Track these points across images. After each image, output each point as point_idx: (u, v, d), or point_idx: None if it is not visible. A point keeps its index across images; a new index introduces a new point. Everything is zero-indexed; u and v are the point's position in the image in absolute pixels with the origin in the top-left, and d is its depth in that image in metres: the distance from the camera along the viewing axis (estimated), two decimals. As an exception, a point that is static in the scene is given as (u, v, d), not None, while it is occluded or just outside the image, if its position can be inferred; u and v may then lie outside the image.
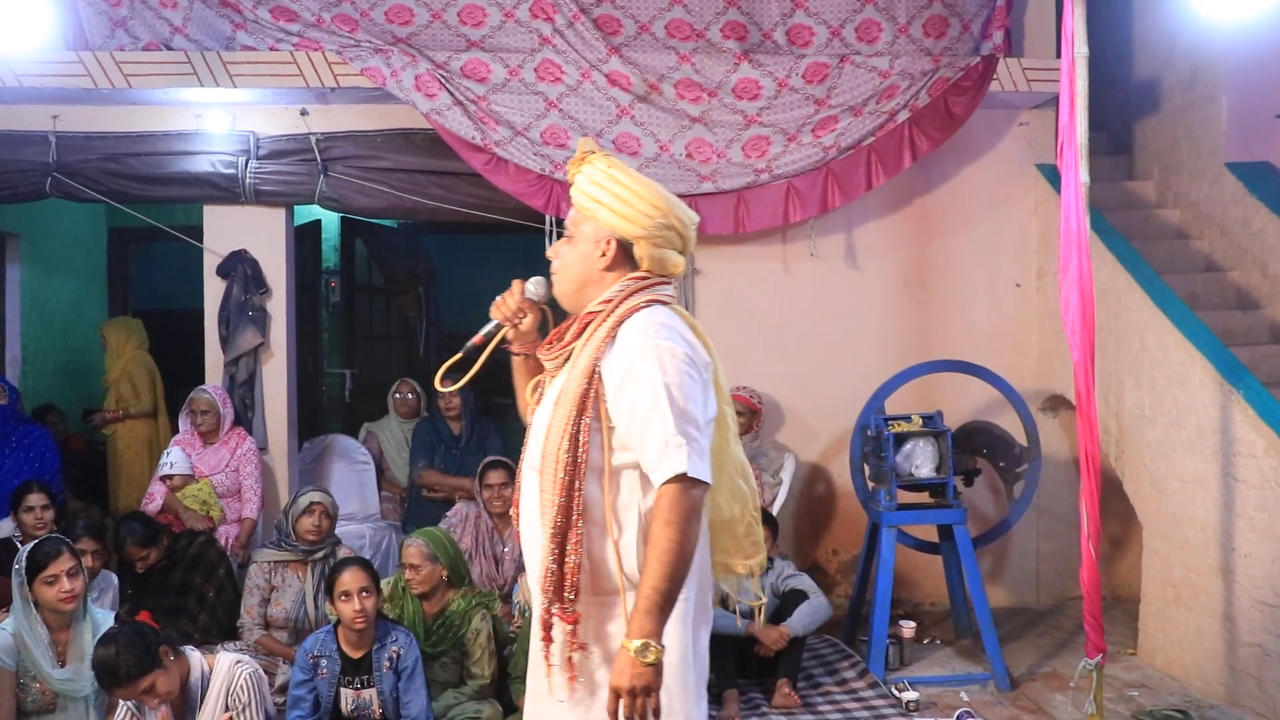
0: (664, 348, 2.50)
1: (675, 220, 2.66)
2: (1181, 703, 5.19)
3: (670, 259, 2.68)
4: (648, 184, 2.68)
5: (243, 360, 6.59)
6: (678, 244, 2.69)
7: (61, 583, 4.09)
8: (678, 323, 2.62)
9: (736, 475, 2.74)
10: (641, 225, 2.63)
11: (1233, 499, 5.08)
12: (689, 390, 2.49)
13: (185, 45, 6.27)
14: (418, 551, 4.85)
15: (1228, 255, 6.61)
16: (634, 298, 2.62)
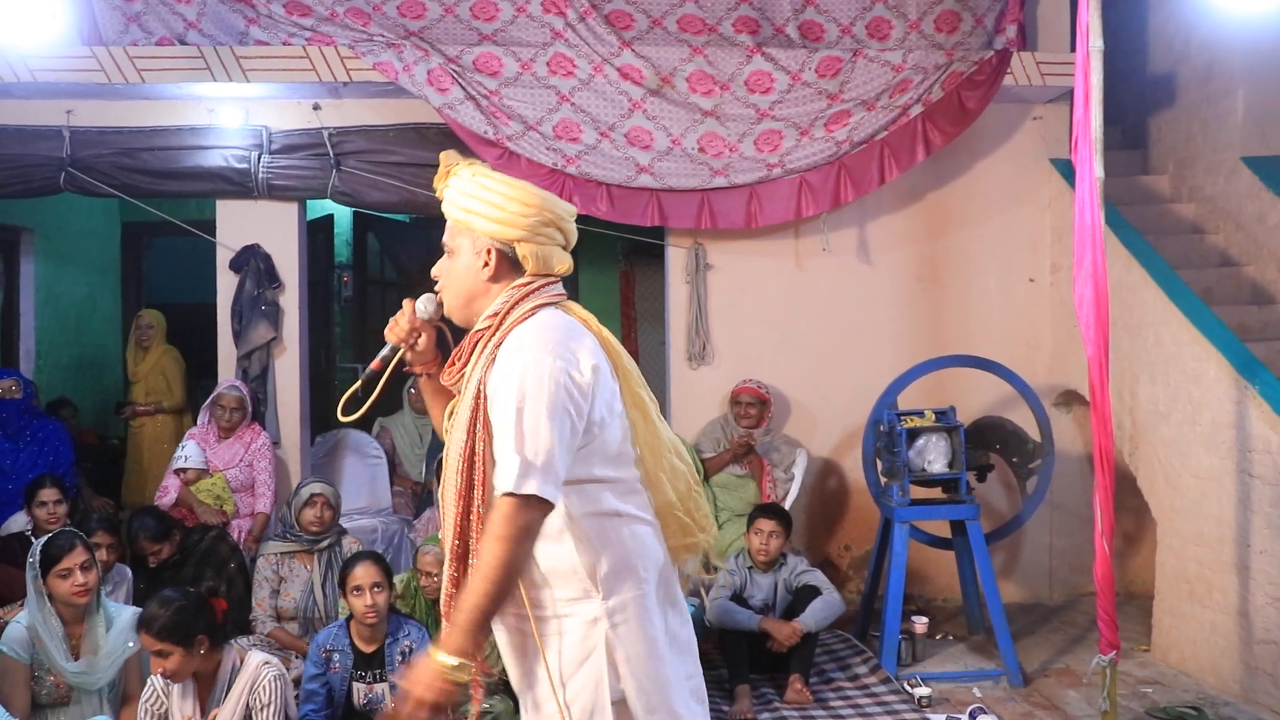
0: (529, 364, 2.43)
1: (552, 215, 2.61)
2: (1196, 699, 5.17)
3: (555, 256, 2.62)
4: (518, 184, 2.63)
5: (255, 355, 6.60)
6: (560, 240, 2.64)
7: (75, 576, 4.11)
8: (560, 327, 2.54)
9: (670, 455, 2.69)
10: (519, 226, 2.58)
11: (1248, 495, 5.05)
12: (545, 407, 2.39)
13: (199, 40, 6.28)
14: (435, 559, 4.86)
15: (1243, 250, 6.58)
16: (519, 307, 2.56)
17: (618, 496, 2.56)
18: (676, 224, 6.58)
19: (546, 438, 2.37)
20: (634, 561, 2.54)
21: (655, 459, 2.64)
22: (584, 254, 9.62)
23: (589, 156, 6.35)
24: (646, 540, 2.59)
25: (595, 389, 2.48)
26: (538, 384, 2.41)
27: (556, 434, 2.39)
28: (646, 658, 2.54)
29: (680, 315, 6.85)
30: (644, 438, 2.63)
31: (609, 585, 2.51)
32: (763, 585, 5.49)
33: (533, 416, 2.39)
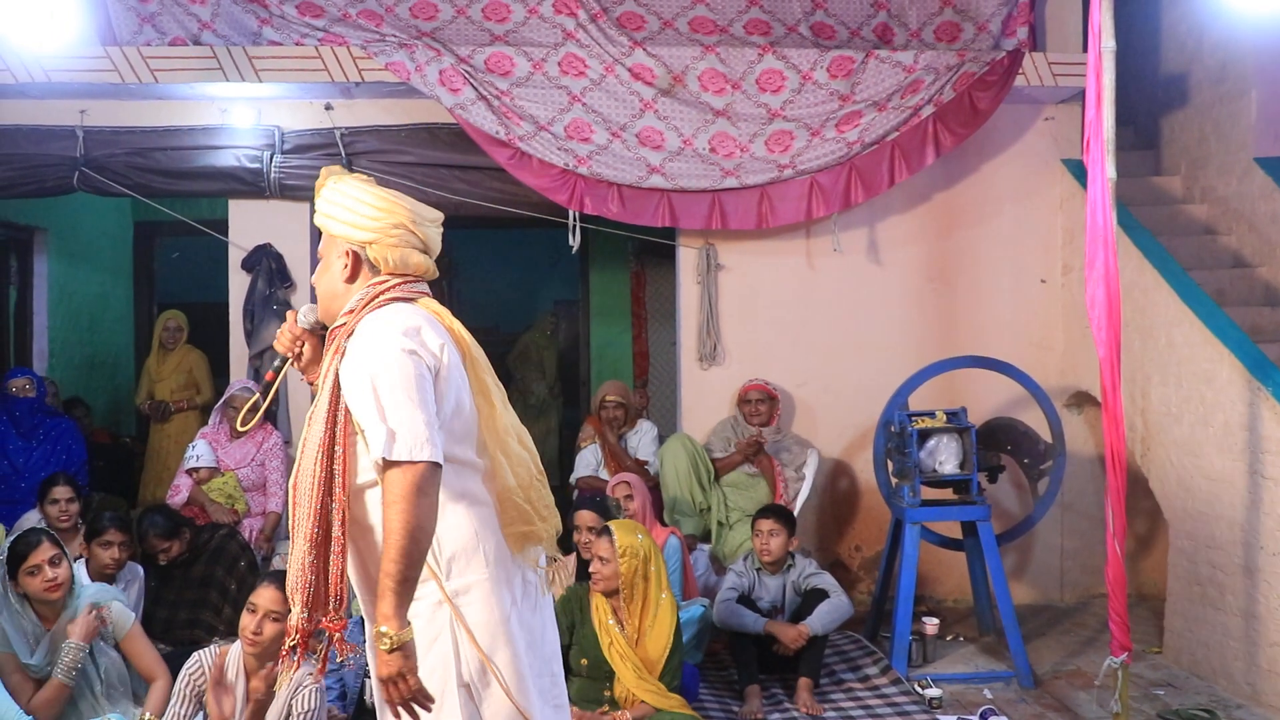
0: (374, 348, 2.55)
1: (404, 217, 2.71)
2: (1208, 702, 5.15)
3: (413, 258, 2.73)
4: (373, 190, 2.74)
5: (267, 354, 6.62)
6: (416, 242, 2.74)
7: (44, 572, 4.12)
8: (405, 316, 2.63)
9: (511, 441, 2.74)
10: (369, 228, 2.70)
11: (1260, 497, 5.04)
12: (398, 379, 2.50)
13: (212, 40, 6.30)
14: None
15: (1256, 250, 6.56)
16: (372, 304, 2.68)
17: (464, 479, 2.65)
18: (687, 224, 6.58)
19: (406, 403, 2.48)
20: (479, 545, 2.63)
21: (497, 443, 2.70)
22: (595, 254, 9.63)
23: (600, 157, 6.35)
24: (491, 524, 2.67)
25: (443, 367, 2.60)
26: (385, 363, 2.52)
27: (417, 398, 2.49)
28: (494, 641, 2.63)
29: (691, 316, 6.85)
30: (487, 422, 2.69)
31: (452, 567, 2.62)
32: (771, 587, 5.48)
33: (388, 390, 2.49)
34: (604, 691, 4.56)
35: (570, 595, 4.70)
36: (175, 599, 5.28)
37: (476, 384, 2.70)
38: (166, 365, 7.63)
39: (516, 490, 2.69)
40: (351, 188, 2.74)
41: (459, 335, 2.71)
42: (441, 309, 2.75)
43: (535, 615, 2.78)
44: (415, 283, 2.76)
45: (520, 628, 2.69)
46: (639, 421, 6.89)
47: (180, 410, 7.47)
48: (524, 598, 2.73)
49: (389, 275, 2.72)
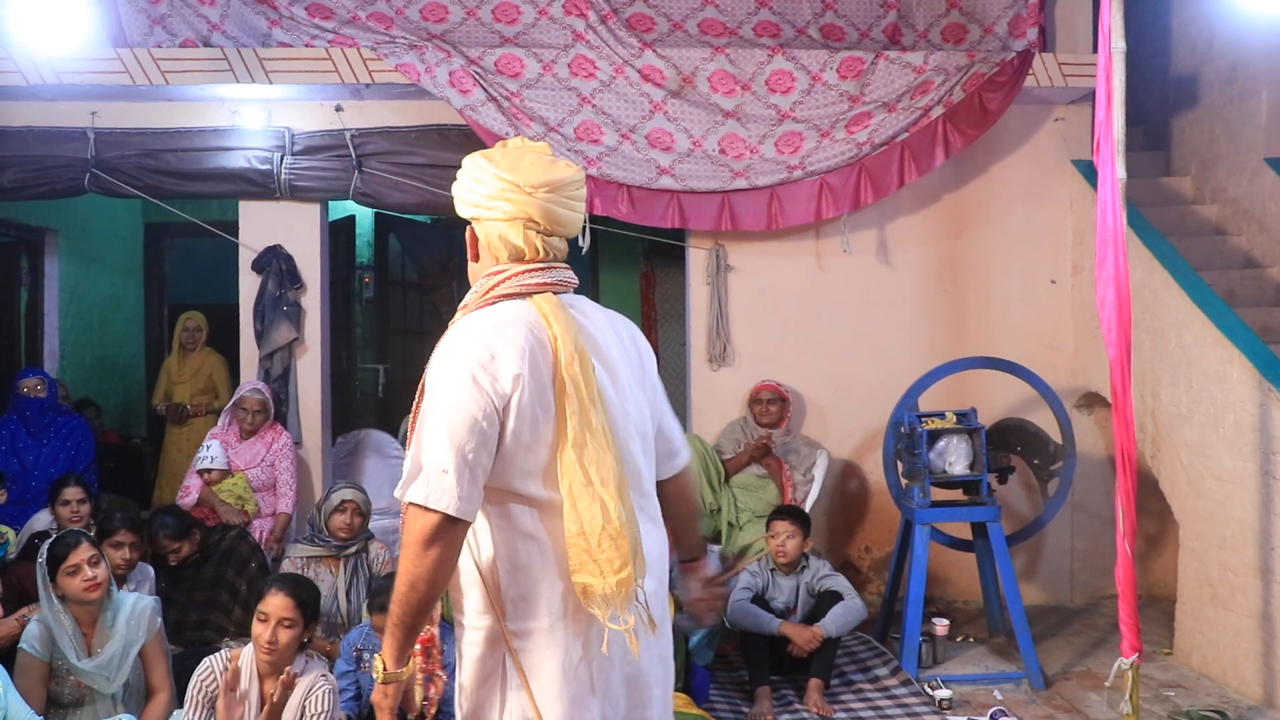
0: (448, 363, 2.36)
1: (503, 186, 2.43)
2: (1219, 703, 5.14)
3: (517, 235, 2.45)
4: (478, 159, 2.50)
5: (277, 355, 6.63)
6: (513, 211, 2.44)
7: (84, 572, 4.12)
8: (497, 326, 2.38)
9: (580, 481, 2.32)
10: (468, 201, 2.49)
11: (1271, 498, 5.03)
12: (448, 412, 2.29)
13: (222, 42, 6.33)
14: None
15: (1267, 251, 6.55)
16: (482, 299, 2.46)
17: (534, 519, 2.38)
18: (697, 225, 6.58)
19: (445, 443, 2.27)
20: (542, 590, 2.37)
21: (566, 480, 2.33)
22: (605, 255, 9.65)
23: (610, 158, 6.36)
24: (561, 570, 2.37)
25: (511, 404, 2.31)
26: (445, 388, 2.31)
27: (460, 440, 2.27)
28: (547, 693, 2.38)
29: (701, 316, 6.86)
30: (560, 456, 2.34)
31: (515, 609, 2.39)
32: (784, 588, 5.48)
33: (433, 421, 2.30)
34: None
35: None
36: (185, 600, 5.28)
37: (559, 412, 2.34)
38: (186, 368, 7.66)
39: (579, 537, 2.31)
40: (466, 163, 2.51)
41: (559, 352, 2.35)
42: (556, 310, 2.40)
43: (613, 673, 2.45)
44: (538, 271, 2.45)
45: (586, 685, 2.41)
46: (649, 422, 6.88)
47: (198, 415, 7.49)
48: (599, 654, 2.41)
49: (510, 264, 2.46)
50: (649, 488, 2.56)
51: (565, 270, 2.50)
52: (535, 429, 2.34)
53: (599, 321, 2.54)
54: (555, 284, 2.46)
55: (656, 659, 2.56)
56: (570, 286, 2.51)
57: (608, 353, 2.49)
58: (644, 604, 2.40)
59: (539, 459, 2.35)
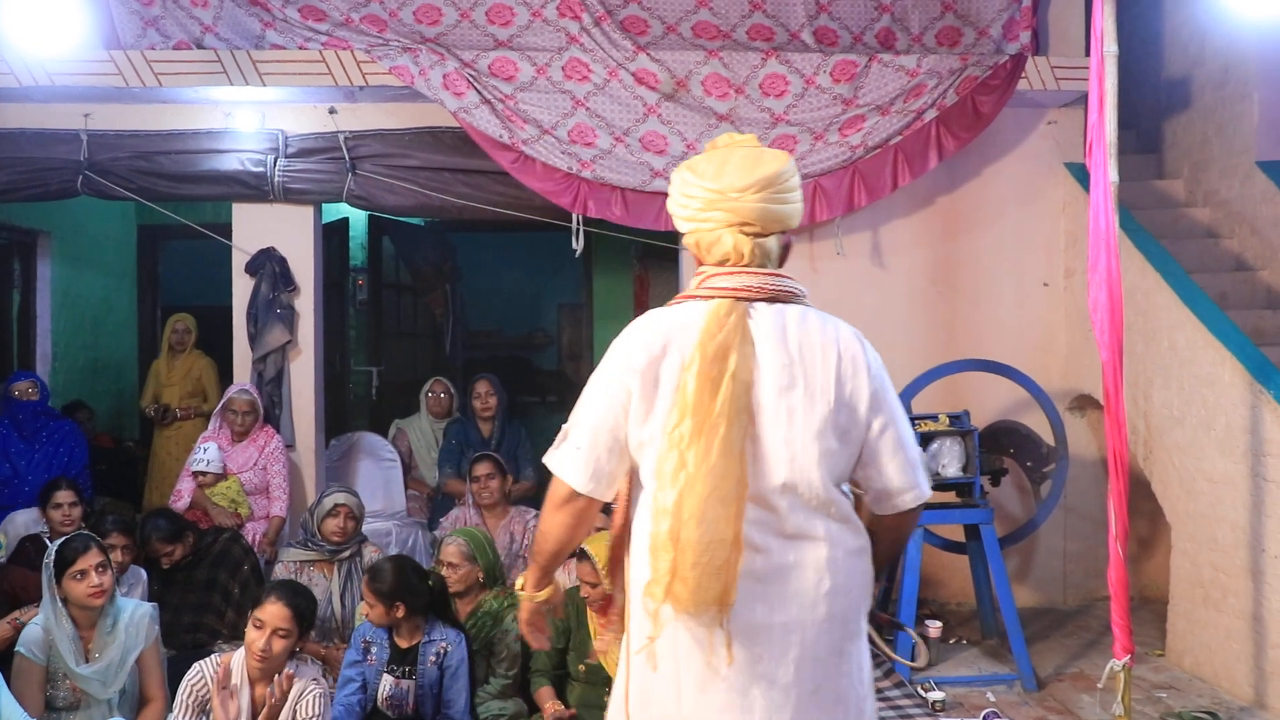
0: (614, 343, 2.51)
1: (709, 198, 2.48)
2: (1210, 704, 5.16)
3: (726, 242, 2.49)
4: (685, 172, 2.55)
5: (270, 358, 6.63)
6: (725, 219, 2.48)
7: (90, 578, 4.12)
8: (657, 320, 2.47)
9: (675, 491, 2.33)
10: (685, 218, 2.56)
11: (1262, 499, 5.04)
12: (590, 397, 2.47)
13: (215, 44, 6.32)
14: (457, 550, 4.88)
15: (1258, 254, 6.56)
16: (675, 299, 2.58)
17: (643, 515, 2.46)
18: (690, 228, 6.57)
19: (582, 424, 2.45)
20: (639, 575, 2.44)
21: (659, 484, 2.37)
22: (599, 258, 9.65)
23: (604, 161, 6.36)
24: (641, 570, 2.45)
25: (634, 393, 2.41)
26: (599, 371, 2.49)
27: (592, 424, 2.44)
28: (633, 668, 2.47)
29: (694, 319, 6.84)
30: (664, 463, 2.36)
31: (631, 583, 2.50)
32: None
33: (583, 400, 2.49)
34: (605, 697, 4.55)
35: (566, 600, 4.70)
36: (178, 603, 5.28)
37: (674, 418, 2.36)
38: (175, 370, 7.65)
39: (648, 542, 2.36)
40: (675, 177, 2.59)
41: (696, 358, 2.36)
42: (720, 316, 2.41)
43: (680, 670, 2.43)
44: (728, 275, 2.47)
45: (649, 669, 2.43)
46: (643, 424, 6.89)
47: (187, 417, 7.48)
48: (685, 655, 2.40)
49: (710, 266, 2.52)
50: (805, 512, 2.42)
51: (757, 276, 2.48)
52: (646, 423, 2.41)
53: (788, 333, 2.45)
54: (740, 290, 2.46)
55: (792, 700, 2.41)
56: (759, 293, 2.46)
57: (771, 367, 2.41)
58: (724, 631, 2.34)
59: (649, 455, 2.42)
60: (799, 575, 2.41)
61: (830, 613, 2.43)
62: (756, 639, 2.38)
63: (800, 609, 2.40)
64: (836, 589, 2.43)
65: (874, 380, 2.49)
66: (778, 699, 2.40)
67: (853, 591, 2.48)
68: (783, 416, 2.39)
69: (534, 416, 10.97)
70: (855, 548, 2.50)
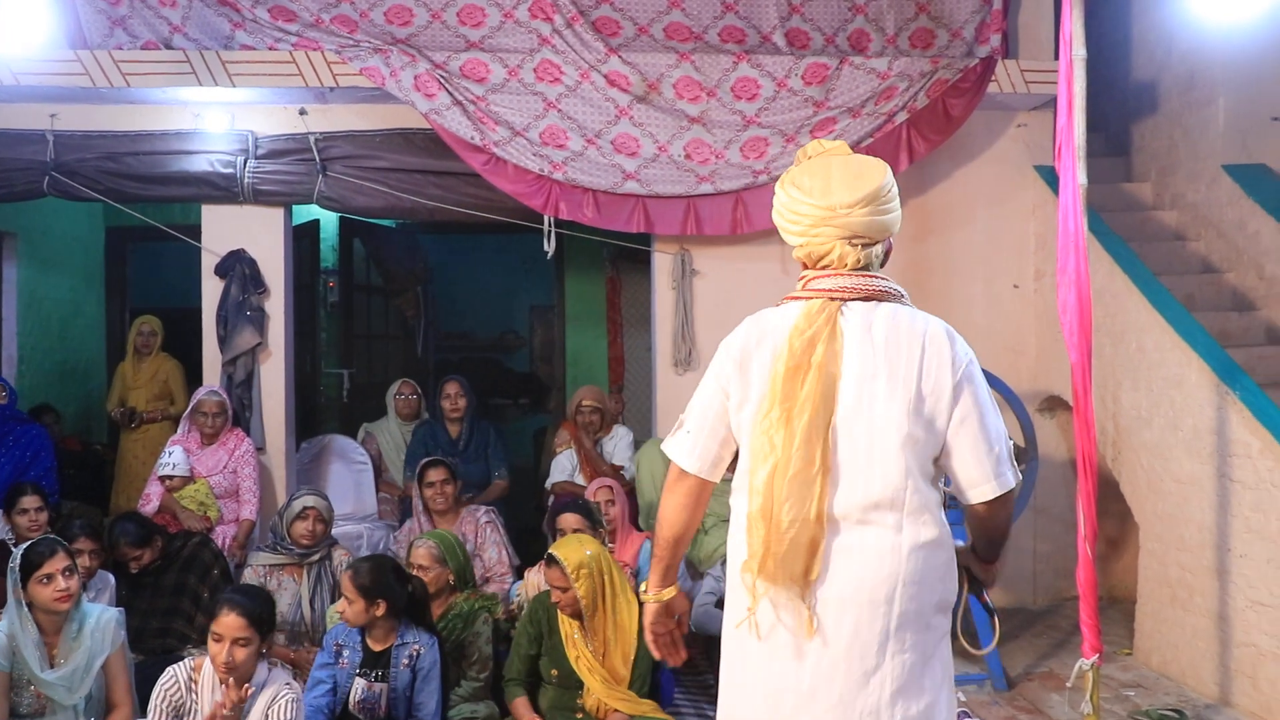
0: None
1: (819, 216, 2.62)
2: (1177, 702, 5.20)
3: (836, 253, 2.65)
4: (792, 190, 2.68)
5: (240, 360, 6.59)
6: (836, 233, 2.62)
7: (57, 581, 4.07)
8: (760, 317, 2.72)
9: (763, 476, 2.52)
10: (796, 234, 2.70)
11: (1228, 499, 5.09)
12: (701, 384, 2.75)
13: (184, 44, 6.27)
14: (428, 553, 4.87)
15: (1224, 257, 6.63)
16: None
17: (739, 497, 2.67)
18: (662, 230, 6.59)
19: (693, 408, 2.75)
20: (735, 556, 2.65)
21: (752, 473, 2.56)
22: (570, 260, 9.64)
23: (575, 163, 6.36)
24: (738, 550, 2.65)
25: (729, 384, 2.67)
26: (714, 357, 2.74)
27: (699, 408, 2.73)
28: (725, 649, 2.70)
29: (666, 321, 6.86)
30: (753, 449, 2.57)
31: (729, 565, 2.68)
32: (748, 590, 5.48)
33: (699, 388, 2.76)
34: (577, 700, 4.55)
35: (537, 605, 4.70)
36: (147, 608, 5.23)
37: (764, 406, 2.56)
38: (141, 373, 7.58)
39: (745, 520, 2.57)
40: (780, 193, 2.73)
41: (785, 350, 2.56)
42: (813, 315, 2.59)
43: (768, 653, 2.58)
44: (827, 278, 2.65)
45: (740, 651, 2.64)
46: (615, 427, 6.90)
47: (153, 420, 7.42)
48: (771, 634, 2.57)
49: (808, 270, 2.72)
50: (880, 498, 2.51)
51: (851, 277, 2.63)
52: (741, 410, 2.64)
53: (875, 327, 2.58)
54: (835, 290, 2.62)
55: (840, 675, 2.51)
56: (854, 293, 2.61)
57: (856, 359, 2.55)
58: (809, 607, 2.50)
59: (746, 439, 2.63)
60: (862, 559, 2.51)
61: (891, 599, 2.51)
62: (828, 612, 2.52)
63: (858, 590, 2.50)
64: (902, 578, 2.51)
65: (958, 372, 2.58)
66: (835, 674, 2.52)
67: (923, 584, 2.54)
68: (864, 405, 2.52)
69: (506, 418, 10.95)
70: (929, 540, 2.55)
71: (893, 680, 2.51)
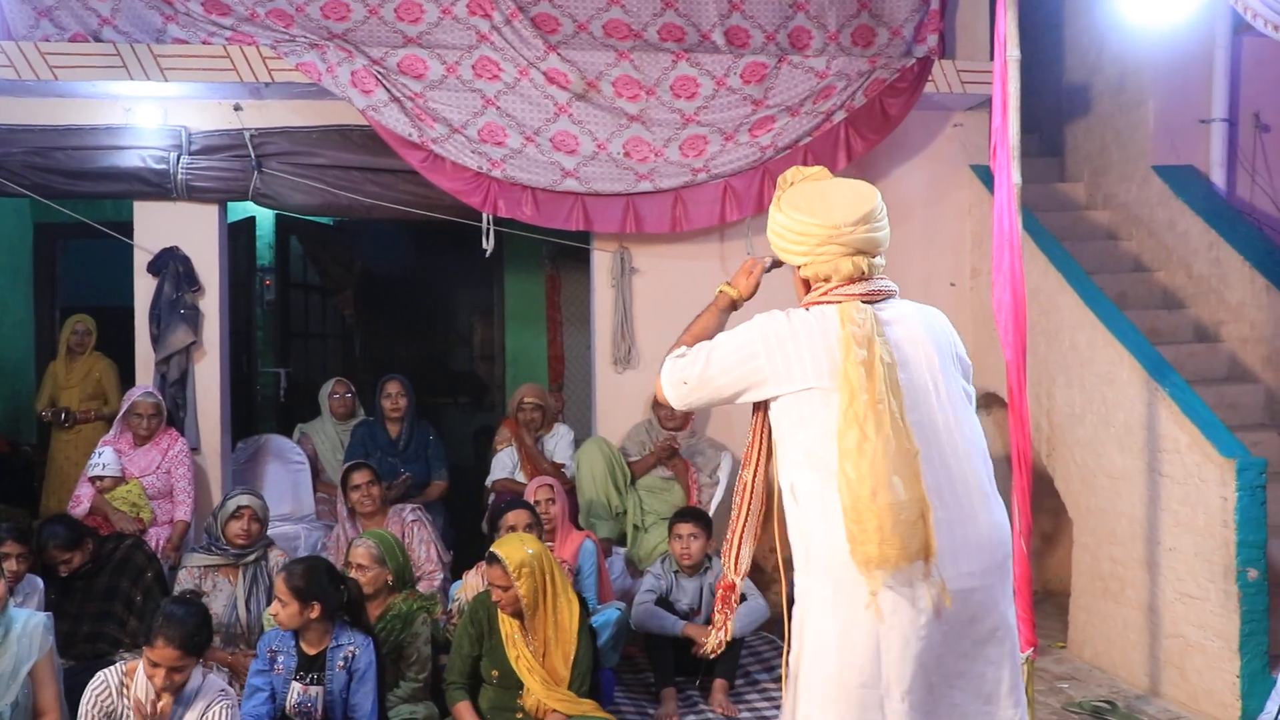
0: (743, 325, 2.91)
1: (826, 235, 2.81)
2: (1109, 694, 5.29)
3: (844, 267, 2.82)
4: (799, 216, 2.85)
5: (174, 359, 6.49)
6: (845, 251, 2.82)
7: None
8: (781, 312, 2.86)
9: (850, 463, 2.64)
10: (798, 253, 2.87)
11: (1158, 494, 5.18)
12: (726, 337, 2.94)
13: (114, 37, 6.15)
14: (367, 553, 4.82)
15: (1154, 256, 6.75)
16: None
17: (824, 484, 2.69)
18: (602, 228, 6.59)
19: (700, 348, 2.97)
20: (826, 552, 2.68)
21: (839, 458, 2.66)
22: (509, 258, 9.60)
23: (514, 160, 6.33)
24: (839, 535, 2.65)
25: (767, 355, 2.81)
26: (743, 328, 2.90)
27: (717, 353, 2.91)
28: (820, 651, 2.72)
29: (605, 319, 6.86)
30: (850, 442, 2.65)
31: (808, 567, 2.74)
32: (688, 589, 5.50)
33: (723, 340, 2.92)
34: (517, 700, 4.53)
35: (478, 605, 4.67)
36: (77, 612, 5.12)
37: (845, 397, 2.68)
38: (74, 372, 7.43)
39: (848, 511, 2.63)
40: (778, 216, 2.90)
41: (847, 348, 2.70)
42: (853, 313, 2.76)
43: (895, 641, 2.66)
44: (844, 285, 2.83)
45: (856, 650, 2.67)
46: (555, 425, 6.88)
47: (86, 420, 7.27)
48: (871, 619, 2.64)
49: (821, 284, 2.86)
50: (966, 472, 2.74)
51: (880, 280, 2.87)
52: (803, 407, 2.75)
53: (910, 320, 2.86)
54: (865, 294, 2.82)
55: (990, 641, 2.72)
56: (884, 295, 2.85)
57: (915, 347, 2.81)
58: (937, 582, 2.60)
59: (815, 435, 2.71)
60: (965, 533, 2.68)
61: (1002, 568, 2.76)
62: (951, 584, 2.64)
63: (975, 560, 2.69)
64: (1004, 547, 2.77)
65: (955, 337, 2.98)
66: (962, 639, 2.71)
67: (1010, 553, 2.81)
68: (931, 387, 2.77)
69: (445, 418, 10.88)
70: (1005, 517, 2.80)
71: (1009, 640, 2.77)
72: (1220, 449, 4.82)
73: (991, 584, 2.72)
